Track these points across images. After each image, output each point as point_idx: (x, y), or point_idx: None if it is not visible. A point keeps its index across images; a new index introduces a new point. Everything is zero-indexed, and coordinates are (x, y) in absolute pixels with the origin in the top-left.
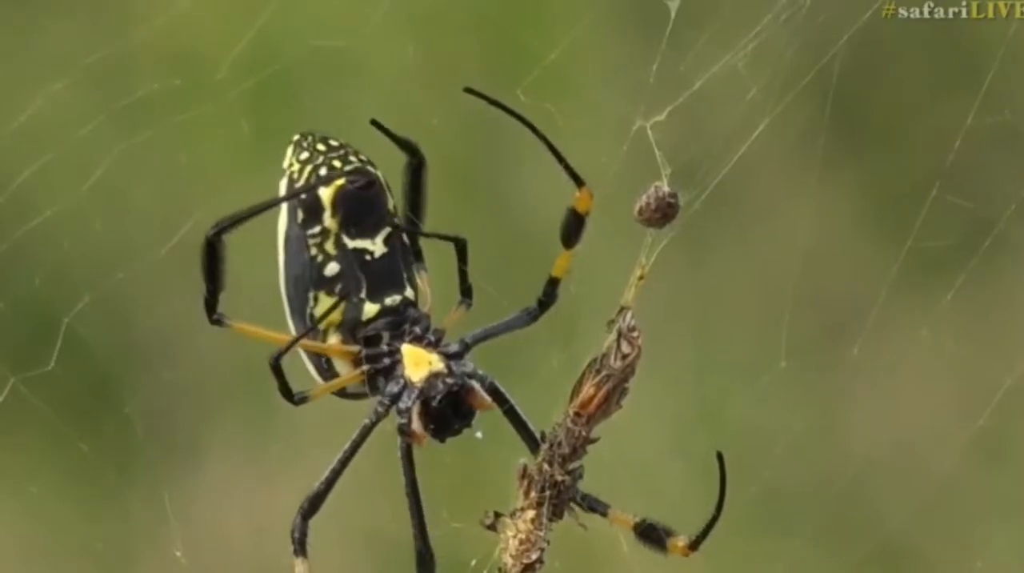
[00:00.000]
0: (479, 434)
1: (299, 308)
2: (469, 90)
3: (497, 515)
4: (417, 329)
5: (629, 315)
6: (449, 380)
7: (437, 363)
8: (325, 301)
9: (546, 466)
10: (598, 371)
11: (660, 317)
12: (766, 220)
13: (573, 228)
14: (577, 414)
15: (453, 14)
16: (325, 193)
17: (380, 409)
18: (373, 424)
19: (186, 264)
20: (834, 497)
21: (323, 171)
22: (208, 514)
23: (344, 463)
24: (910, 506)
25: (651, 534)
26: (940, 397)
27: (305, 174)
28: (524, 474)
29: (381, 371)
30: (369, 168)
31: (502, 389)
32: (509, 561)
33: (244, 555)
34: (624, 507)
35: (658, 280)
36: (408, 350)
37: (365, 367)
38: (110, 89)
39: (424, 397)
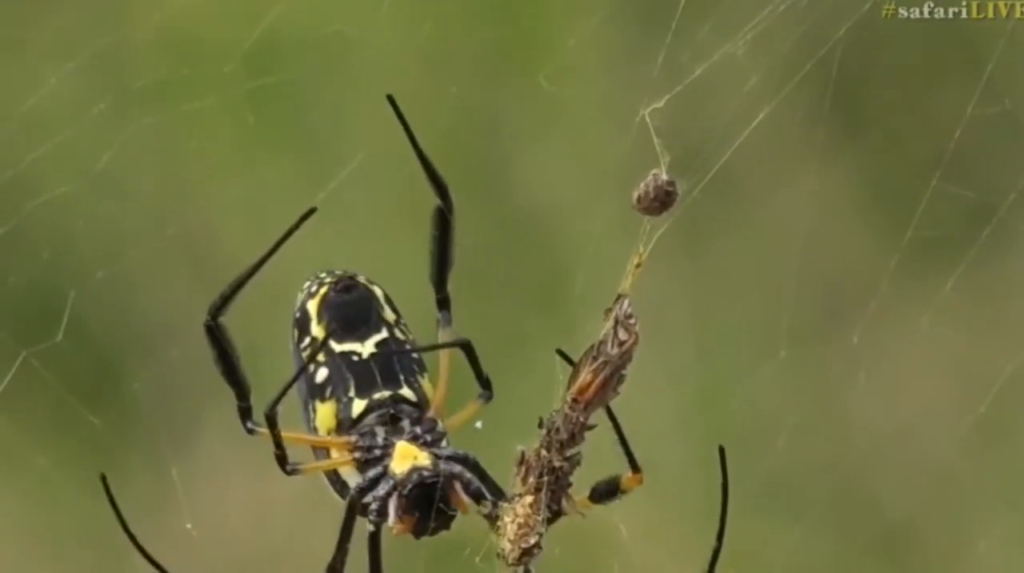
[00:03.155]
0: (479, 424)
1: (306, 420)
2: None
3: (494, 503)
4: (417, 429)
5: (626, 303)
6: (426, 473)
7: (424, 459)
8: (321, 409)
9: (544, 452)
10: (595, 358)
11: (660, 304)
12: (766, 207)
13: (606, 495)
14: (575, 400)
15: (464, 1)
16: (311, 304)
17: (356, 494)
18: (351, 508)
19: (189, 248)
20: (835, 483)
21: (314, 289)
22: (210, 490)
23: (342, 550)
24: (911, 492)
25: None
26: (940, 385)
27: (300, 298)
28: (522, 460)
29: (371, 461)
30: (358, 278)
31: (486, 492)
32: (508, 546)
33: (244, 530)
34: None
35: (658, 268)
36: (401, 446)
37: (356, 454)
38: (118, 74)
39: (399, 487)
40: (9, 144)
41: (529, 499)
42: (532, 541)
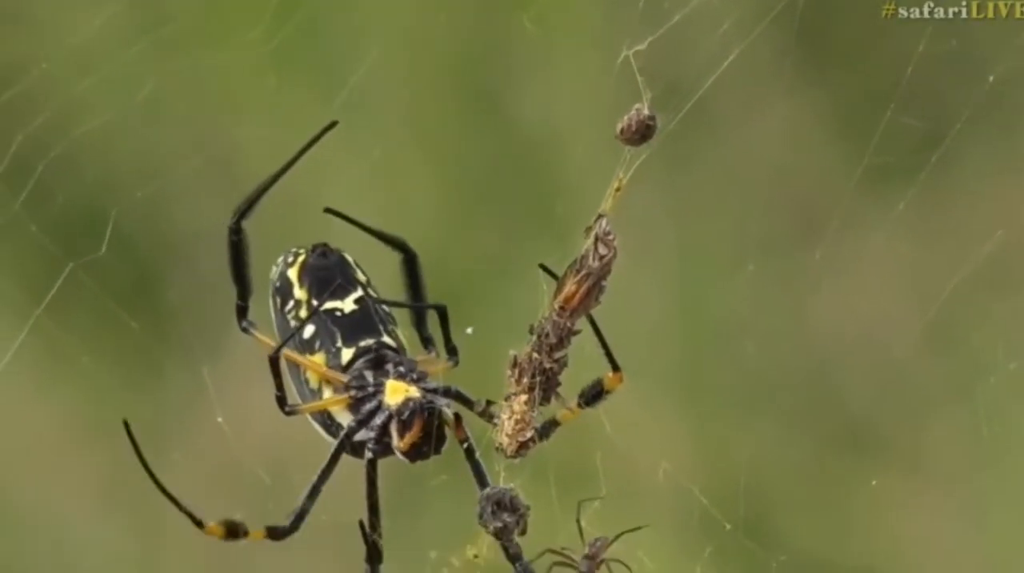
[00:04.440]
0: (469, 330)
1: (295, 377)
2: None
3: (489, 402)
4: (401, 368)
5: (605, 221)
6: (420, 402)
7: (415, 392)
8: (311, 361)
9: (535, 355)
10: (578, 270)
11: (643, 223)
12: (738, 136)
13: (593, 398)
14: (561, 308)
15: None
16: (292, 272)
17: (353, 425)
18: (345, 436)
19: (219, 170)
20: (801, 381)
21: (289, 259)
22: (237, 388)
23: (323, 480)
24: (869, 389)
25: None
26: (895, 293)
27: (277, 271)
28: (515, 363)
29: (364, 398)
30: (330, 245)
31: (470, 435)
32: (505, 440)
33: (269, 424)
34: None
35: (642, 190)
36: (391, 383)
37: (352, 392)
38: (156, 14)
39: (396, 416)
40: (58, 78)
41: (523, 398)
42: (528, 435)
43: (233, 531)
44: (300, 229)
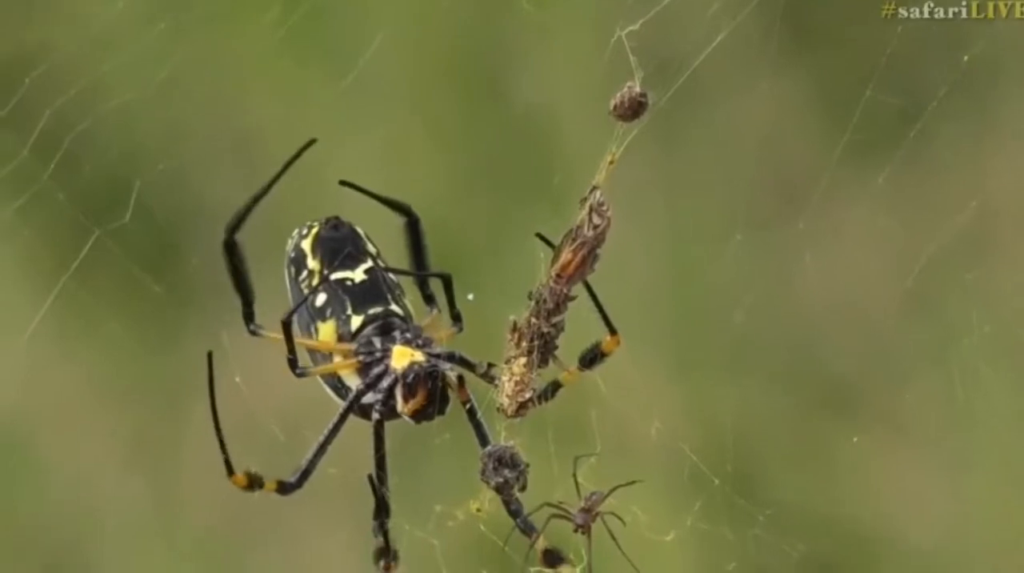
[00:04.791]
0: (470, 297)
1: (307, 339)
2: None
3: (490, 365)
4: (408, 335)
5: (599, 192)
6: (424, 366)
7: (419, 356)
8: (323, 328)
9: (533, 320)
10: (574, 239)
11: (635, 195)
12: (726, 113)
13: (591, 360)
14: (558, 276)
15: None
16: (305, 243)
17: (363, 387)
18: (354, 399)
19: (236, 145)
20: (786, 344)
21: (304, 231)
22: (255, 351)
23: (329, 439)
24: (850, 353)
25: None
26: (875, 261)
27: (292, 243)
28: (515, 328)
29: (372, 363)
30: (342, 219)
31: (473, 398)
32: (506, 401)
33: (284, 385)
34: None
35: (634, 162)
36: (397, 349)
37: (360, 357)
38: (171, 1)
39: (401, 380)
40: (85, 57)
41: (522, 361)
42: (527, 396)
43: (252, 483)
44: (314, 203)
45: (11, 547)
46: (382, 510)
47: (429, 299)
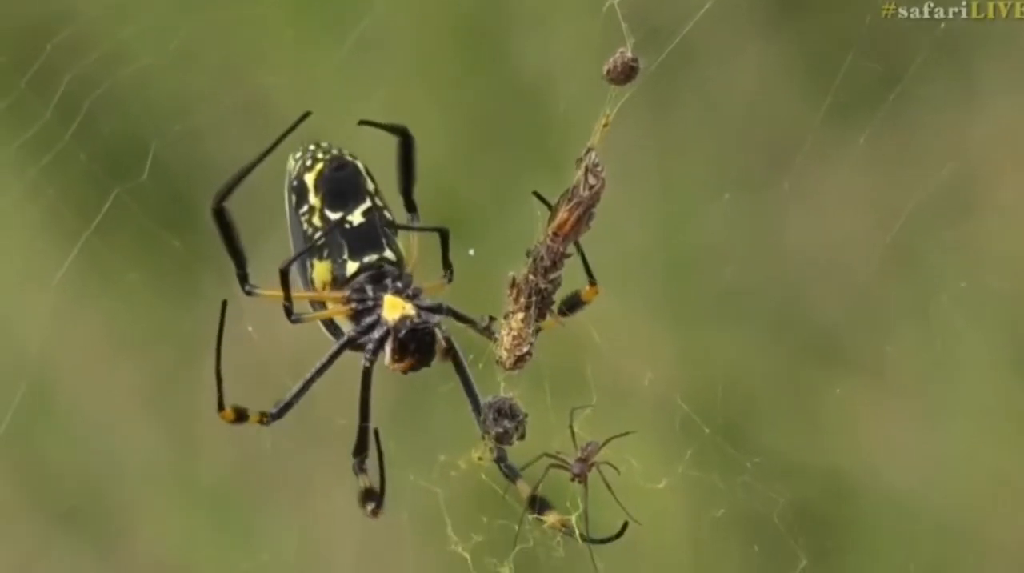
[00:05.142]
0: (471, 252)
1: (303, 275)
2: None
3: (491, 318)
4: (399, 283)
5: (594, 154)
6: (415, 321)
7: (410, 309)
8: (319, 266)
9: (531, 276)
10: (570, 199)
11: (628, 156)
12: (715, 76)
13: (571, 307)
14: (555, 234)
15: None
16: (309, 177)
17: (354, 334)
18: (345, 344)
19: (246, 110)
20: (773, 298)
21: (308, 162)
22: (267, 303)
23: (317, 376)
24: (834, 306)
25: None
26: (856, 220)
27: (296, 169)
28: (513, 284)
29: (364, 311)
30: (346, 157)
31: (459, 349)
32: (504, 354)
33: (294, 333)
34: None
35: (627, 124)
36: (388, 298)
37: (353, 304)
38: None
39: (393, 333)
40: (103, 25)
41: (520, 315)
42: (525, 349)
43: (239, 416)
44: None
45: (39, 489)
46: (363, 448)
47: (411, 207)
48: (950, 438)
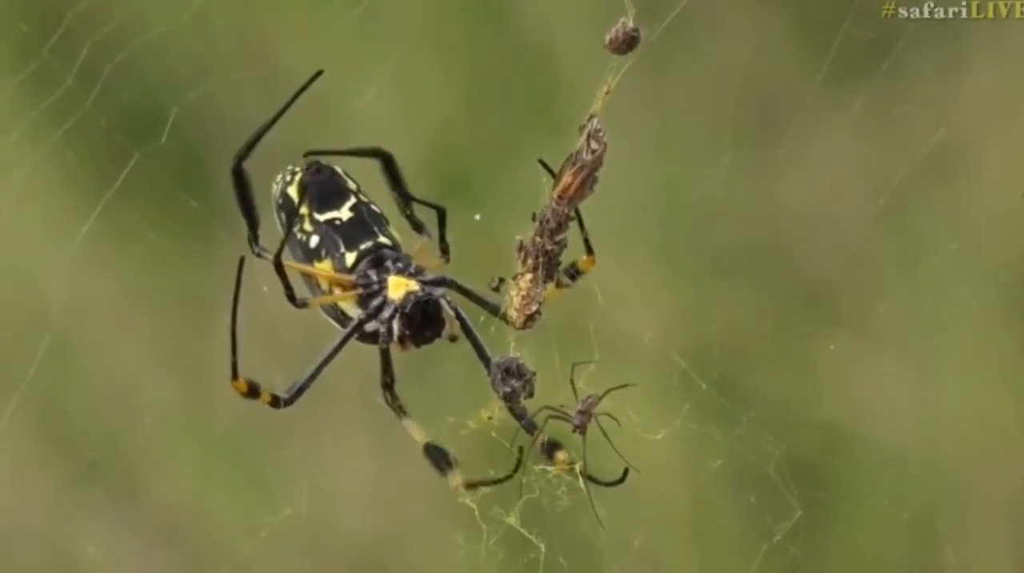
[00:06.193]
0: (477, 217)
1: (309, 281)
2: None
3: (501, 280)
4: (400, 264)
5: (596, 120)
6: (420, 295)
7: (414, 285)
8: (320, 267)
9: (538, 239)
10: (574, 163)
11: (629, 118)
12: (714, 41)
13: (571, 277)
14: (560, 197)
15: None
16: (292, 190)
17: (363, 317)
18: (356, 327)
19: (261, 76)
20: (769, 258)
21: (288, 178)
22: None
23: (328, 360)
24: (828, 264)
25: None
26: (851, 182)
27: (279, 188)
28: (521, 246)
29: (370, 295)
30: (320, 162)
31: (465, 316)
32: (514, 314)
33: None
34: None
35: (628, 93)
36: (392, 279)
37: (359, 290)
38: None
39: (400, 310)
40: None
41: (528, 276)
42: (534, 309)
43: (251, 390)
44: (328, 126)
45: (63, 439)
46: (389, 382)
47: (418, 227)
48: (939, 390)
